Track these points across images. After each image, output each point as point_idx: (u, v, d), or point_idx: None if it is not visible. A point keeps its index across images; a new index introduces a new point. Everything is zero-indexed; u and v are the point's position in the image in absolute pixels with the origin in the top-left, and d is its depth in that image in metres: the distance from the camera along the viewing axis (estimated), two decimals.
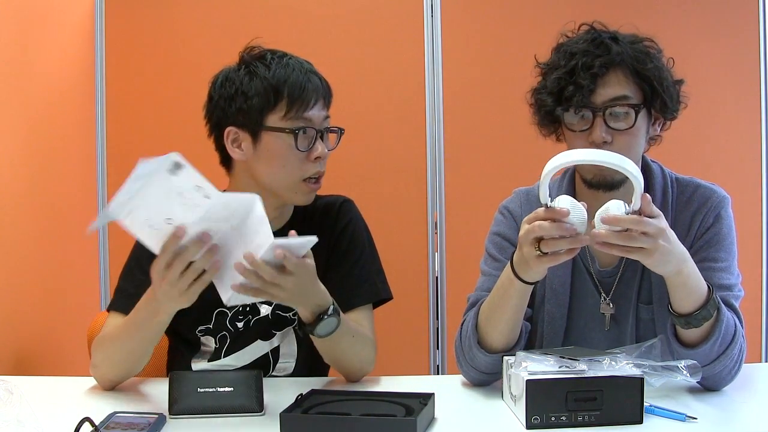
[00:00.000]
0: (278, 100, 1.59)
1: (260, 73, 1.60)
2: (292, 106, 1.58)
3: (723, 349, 1.44)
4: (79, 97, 2.70)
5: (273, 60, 1.62)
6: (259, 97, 1.59)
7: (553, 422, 1.30)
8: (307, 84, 1.60)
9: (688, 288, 1.42)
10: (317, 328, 1.49)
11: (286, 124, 1.59)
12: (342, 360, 1.62)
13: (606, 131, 1.50)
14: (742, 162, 2.80)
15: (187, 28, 2.79)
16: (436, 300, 2.81)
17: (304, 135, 1.60)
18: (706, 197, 1.61)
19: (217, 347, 1.71)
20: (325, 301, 1.50)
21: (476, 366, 1.56)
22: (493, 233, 1.72)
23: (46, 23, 2.40)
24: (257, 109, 1.59)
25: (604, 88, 1.51)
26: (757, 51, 2.78)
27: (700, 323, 1.42)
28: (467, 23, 2.81)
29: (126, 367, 1.58)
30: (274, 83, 1.59)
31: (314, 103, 1.61)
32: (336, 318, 1.50)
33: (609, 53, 1.51)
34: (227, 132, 1.63)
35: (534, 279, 1.45)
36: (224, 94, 1.63)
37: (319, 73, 1.66)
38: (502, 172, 2.74)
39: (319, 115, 1.62)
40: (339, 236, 1.73)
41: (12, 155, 2.10)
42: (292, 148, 1.59)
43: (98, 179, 2.79)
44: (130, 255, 1.70)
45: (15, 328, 2.05)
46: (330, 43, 2.79)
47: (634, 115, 1.51)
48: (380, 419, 1.29)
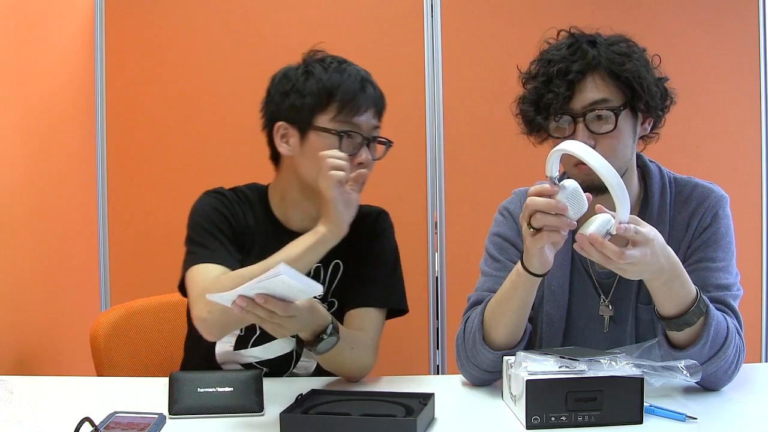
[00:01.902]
0: (330, 103, 1.63)
1: (316, 74, 1.64)
2: (342, 109, 1.62)
3: (714, 352, 1.44)
4: (79, 97, 2.70)
5: (332, 64, 1.67)
6: (312, 97, 1.63)
7: (553, 422, 1.30)
8: (359, 91, 1.64)
9: (666, 293, 1.42)
10: (317, 347, 1.50)
11: (333, 126, 1.62)
12: (341, 367, 1.64)
13: (588, 136, 1.50)
14: (742, 162, 2.80)
15: (187, 29, 2.79)
16: (436, 300, 2.81)
17: (350, 139, 1.63)
18: (704, 197, 1.61)
19: (241, 335, 1.72)
20: (324, 320, 1.51)
21: (479, 364, 1.56)
22: (493, 234, 1.72)
23: (46, 23, 2.40)
24: (308, 107, 1.63)
25: (583, 93, 1.51)
26: (757, 51, 2.78)
27: (681, 328, 1.43)
28: (467, 23, 2.81)
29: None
30: (328, 85, 1.63)
31: (364, 110, 1.64)
32: (335, 336, 1.52)
33: (585, 58, 1.51)
34: (277, 126, 1.67)
35: (536, 267, 1.45)
36: (280, 89, 1.68)
37: (375, 84, 1.70)
38: (502, 172, 2.74)
39: (369, 123, 1.66)
40: (373, 240, 1.76)
41: (12, 156, 2.10)
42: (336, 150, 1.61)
43: (98, 179, 2.79)
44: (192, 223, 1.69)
45: (16, 328, 2.05)
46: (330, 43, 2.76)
47: (614, 118, 1.51)
48: (380, 419, 1.29)
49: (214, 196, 1.72)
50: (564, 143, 1.37)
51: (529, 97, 1.58)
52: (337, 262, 1.72)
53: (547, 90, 1.53)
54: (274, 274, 1.30)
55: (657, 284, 1.41)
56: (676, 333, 1.44)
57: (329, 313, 1.53)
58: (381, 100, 1.70)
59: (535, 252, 1.42)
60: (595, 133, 1.50)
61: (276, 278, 1.30)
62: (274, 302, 1.36)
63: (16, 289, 2.08)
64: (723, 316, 1.47)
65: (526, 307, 1.52)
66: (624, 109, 1.52)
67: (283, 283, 1.32)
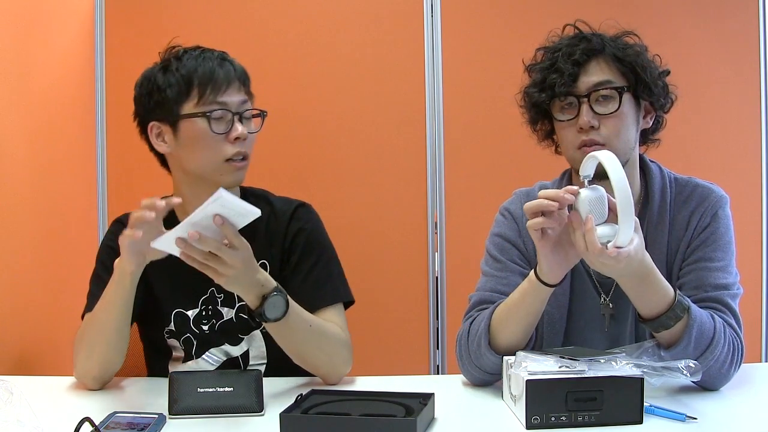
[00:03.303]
0: (190, 89, 1.63)
1: (173, 67, 1.65)
2: (204, 92, 1.62)
3: (700, 352, 1.44)
4: (79, 97, 2.70)
5: (185, 54, 1.67)
6: (172, 88, 1.64)
7: (553, 422, 1.30)
8: (217, 70, 1.64)
9: (637, 295, 1.45)
10: (265, 309, 1.49)
11: (199, 109, 1.62)
12: (308, 357, 1.62)
13: (592, 116, 1.53)
14: (742, 162, 2.80)
15: (187, 29, 2.77)
16: (436, 300, 2.80)
17: (220, 118, 1.63)
18: (704, 197, 1.61)
19: (185, 349, 1.73)
20: (269, 283, 1.51)
21: (481, 366, 1.56)
22: (494, 234, 1.72)
23: (47, 23, 2.40)
24: (172, 99, 1.64)
25: (587, 75, 1.55)
26: (757, 51, 2.78)
27: (658, 330, 1.45)
28: (467, 23, 2.81)
29: (106, 356, 1.59)
30: (185, 73, 1.63)
31: (227, 87, 1.64)
32: (282, 297, 1.51)
33: (589, 43, 1.56)
34: (150, 127, 1.68)
35: (545, 274, 1.46)
36: (143, 92, 1.69)
37: (233, 61, 1.69)
38: (502, 172, 2.74)
39: (236, 99, 1.65)
40: (294, 240, 1.74)
41: (13, 155, 2.10)
42: (208, 131, 1.62)
43: (98, 179, 2.79)
44: (97, 261, 1.75)
45: (15, 328, 2.05)
46: (330, 43, 2.79)
47: (618, 98, 1.53)
48: (380, 419, 1.29)
49: (110, 229, 1.77)
50: (602, 151, 1.37)
51: (534, 80, 1.61)
52: (263, 262, 1.70)
53: (552, 71, 1.56)
54: (212, 200, 1.32)
55: (627, 286, 1.45)
56: (661, 333, 1.46)
57: (273, 280, 1.53)
58: (243, 74, 1.69)
59: (545, 253, 1.44)
60: (599, 114, 1.53)
61: (213, 205, 1.33)
62: (207, 239, 1.37)
63: (16, 288, 2.08)
64: (710, 316, 1.48)
65: (535, 316, 1.53)
66: (627, 91, 1.54)
67: (223, 207, 1.34)
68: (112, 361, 1.61)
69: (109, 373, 1.62)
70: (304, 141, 2.77)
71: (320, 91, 2.78)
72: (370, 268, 2.53)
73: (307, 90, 2.78)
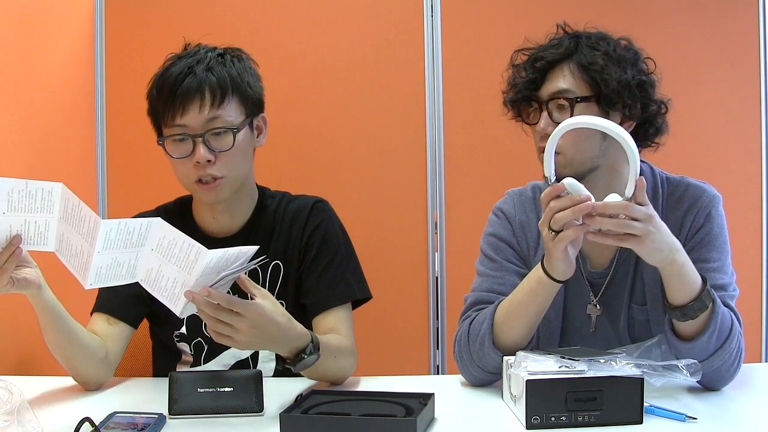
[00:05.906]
0: (159, 112, 1.63)
1: (158, 82, 1.64)
2: (165, 115, 1.61)
3: (721, 343, 1.44)
4: (79, 98, 2.70)
5: (171, 66, 1.64)
6: (151, 114, 1.66)
7: (553, 422, 1.31)
8: (176, 88, 1.59)
9: (682, 278, 1.43)
10: (296, 367, 1.47)
11: (165, 134, 1.63)
12: (324, 375, 1.61)
13: (549, 124, 1.54)
14: (742, 162, 2.80)
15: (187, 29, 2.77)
16: (436, 300, 2.80)
17: (179, 142, 1.61)
18: (697, 196, 1.61)
19: (194, 354, 1.72)
20: (303, 339, 1.47)
21: (484, 366, 1.56)
22: (488, 234, 1.72)
23: (46, 23, 2.40)
24: (155, 124, 1.66)
25: (551, 82, 1.56)
26: (757, 51, 2.78)
27: (696, 314, 1.44)
28: (467, 23, 2.81)
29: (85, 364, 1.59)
30: (152, 97, 1.64)
31: (185, 106, 1.59)
32: (316, 355, 1.48)
33: (559, 49, 1.56)
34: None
35: (560, 273, 1.46)
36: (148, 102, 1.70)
37: (209, 67, 1.61)
38: (502, 172, 2.73)
39: (198, 118, 1.59)
40: (310, 238, 1.73)
41: (12, 155, 2.10)
42: (172, 157, 1.63)
43: (98, 179, 2.78)
44: None
45: (15, 328, 2.04)
46: (330, 43, 2.79)
47: (570, 109, 1.53)
48: (380, 419, 1.29)
49: None
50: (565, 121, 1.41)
51: (508, 81, 1.66)
52: (277, 263, 1.70)
53: (518, 75, 1.61)
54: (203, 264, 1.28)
55: (674, 269, 1.42)
56: (688, 323, 1.44)
57: (309, 331, 1.50)
58: (213, 84, 1.59)
59: (559, 256, 1.43)
60: (555, 122, 1.52)
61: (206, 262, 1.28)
62: (218, 294, 1.32)
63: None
64: (727, 310, 1.48)
65: (542, 313, 1.53)
66: (582, 101, 1.53)
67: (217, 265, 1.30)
68: (98, 365, 1.60)
69: (101, 375, 1.62)
70: (304, 141, 2.76)
71: (320, 91, 2.78)
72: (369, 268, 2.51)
73: (307, 90, 2.78)
